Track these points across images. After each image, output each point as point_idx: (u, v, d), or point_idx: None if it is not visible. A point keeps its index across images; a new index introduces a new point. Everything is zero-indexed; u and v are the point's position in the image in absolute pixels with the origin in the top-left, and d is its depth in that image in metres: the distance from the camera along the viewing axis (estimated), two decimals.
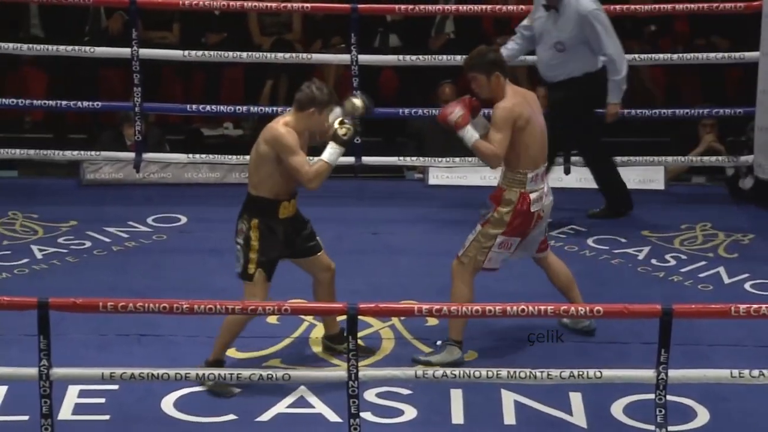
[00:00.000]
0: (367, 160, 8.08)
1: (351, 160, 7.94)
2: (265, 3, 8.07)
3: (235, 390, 5.94)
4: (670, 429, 5.53)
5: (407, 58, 8.28)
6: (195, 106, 8.43)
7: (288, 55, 8.36)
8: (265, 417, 5.85)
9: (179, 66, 9.34)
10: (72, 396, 5.89)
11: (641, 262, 7.38)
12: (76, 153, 8.17)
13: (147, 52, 8.01)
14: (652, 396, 5.50)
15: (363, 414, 5.56)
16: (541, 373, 5.49)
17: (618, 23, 9.56)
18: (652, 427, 5.55)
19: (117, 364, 5.69)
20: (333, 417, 5.82)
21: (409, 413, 5.88)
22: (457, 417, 5.86)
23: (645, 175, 8.43)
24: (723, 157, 8.34)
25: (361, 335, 5.97)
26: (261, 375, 5.54)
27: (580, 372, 5.50)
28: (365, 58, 8.05)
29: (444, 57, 8.14)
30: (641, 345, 6.22)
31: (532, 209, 6.17)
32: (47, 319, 5.34)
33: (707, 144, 8.65)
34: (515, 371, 5.51)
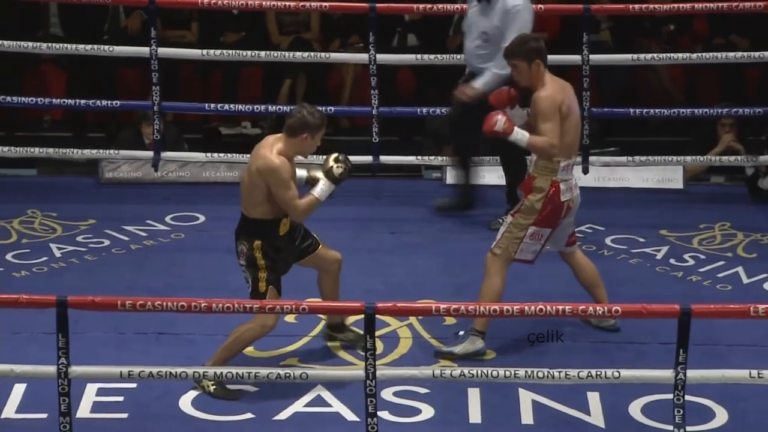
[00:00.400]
0: (385, 159, 8.07)
1: (369, 159, 7.94)
2: (284, 2, 8.07)
3: (237, 393, 5.93)
4: (688, 429, 5.51)
5: (425, 57, 8.27)
6: (213, 105, 8.44)
7: (306, 55, 8.37)
8: (283, 416, 5.85)
9: (198, 65, 9.35)
10: (90, 394, 5.91)
11: (659, 261, 7.36)
12: (94, 151, 8.18)
13: (166, 51, 8.02)
14: (670, 396, 5.49)
15: (380, 413, 5.56)
16: (559, 373, 5.48)
17: (637, 22, 9.60)
18: (670, 428, 5.53)
19: (135, 362, 5.70)
20: (350, 416, 5.82)
21: (427, 412, 5.88)
22: (475, 416, 5.85)
23: (664, 175, 8.41)
24: (742, 157, 8.31)
25: (379, 334, 5.97)
26: (279, 374, 5.54)
27: (598, 372, 5.49)
28: (383, 57, 8.04)
29: (462, 56, 8.12)
30: (659, 345, 6.21)
31: (562, 198, 6.20)
32: (66, 317, 5.35)
33: (726, 143, 8.62)
34: (533, 371, 5.50)
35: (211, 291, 6.31)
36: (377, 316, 5.41)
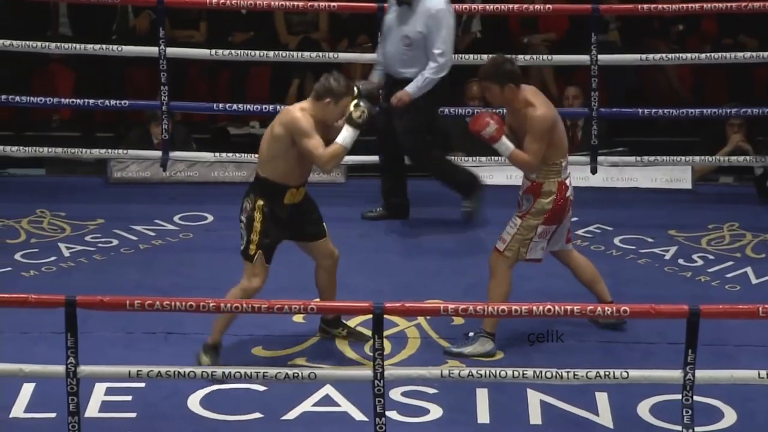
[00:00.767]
0: None
1: (376, 159, 7.93)
2: (292, 2, 8.07)
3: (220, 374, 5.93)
4: (696, 429, 5.50)
5: None
6: (221, 104, 8.45)
7: (314, 54, 8.37)
8: (291, 415, 5.85)
9: (206, 65, 9.36)
10: (99, 393, 5.92)
11: (668, 261, 7.35)
12: (103, 151, 8.19)
13: (174, 51, 8.03)
14: (678, 396, 5.48)
15: (388, 413, 5.55)
16: (567, 373, 5.48)
17: (645, 23, 9.59)
18: (678, 428, 5.53)
19: (143, 361, 5.70)
20: (359, 416, 5.82)
21: (435, 412, 5.88)
22: (483, 416, 5.85)
23: (672, 175, 8.40)
24: (751, 157, 8.30)
25: (387, 334, 5.97)
26: (287, 373, 5.54)
27: (606, 372, 5.49)
28: None
29: (471, 56, 8.12)
30: (668, 345, 6.20)
31: (567, 195, 6.26)
32: (74, 317, 5.35)
33: (735, 144, 8.61)
34: (541, 371, 5.50)
35: (220, 291, 6.30)
36: (385, 316, 5.41)
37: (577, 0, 9.22)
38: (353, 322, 6.46)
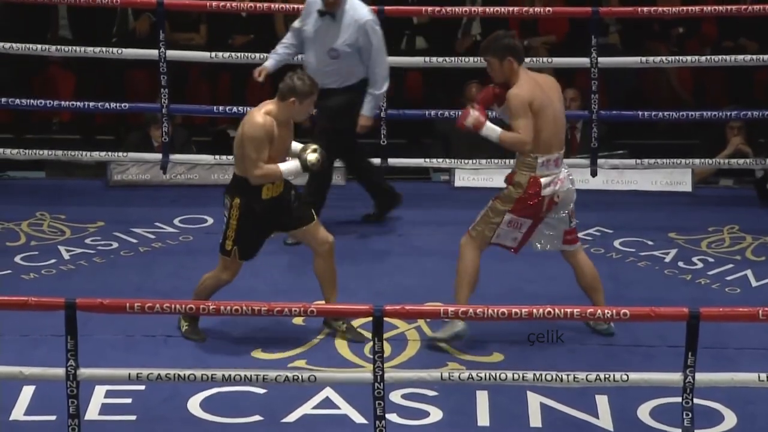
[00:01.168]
0: (393, 161, 8.07)
1: (377, 161, 7.93)
2: (292, 5, 8.07)
3: (204, 336, 6.08)
4: None
5: (434, 60, 8.27)
6: (221, 107, 8.45)
7: None
8: (291, 418, 5.85)
9: (206, 67, 9.36)
10: (99, 396, 5.92)
11: (668, 264, 7.35)
12: (103, 154, 8.19)
13: (174, 53, 8.04)
14: (678, 399, 5.48)
15: (388, 415, 5.55)
16: (567, 376, 5.48)
17: (645, 25, 9.59)
18: (678, 431, 5.53)
19: (143, 364, 5.71)
20: (359, 418, 5.82)
21: (435, 415, 5.88)
22: (483, 419, 5.85)
23: (672, 178, 8.40)
24: (751, 160, 8.30)
25: (387, 337, 5.97)
26: (287, 376, 5.54)
27: (606, 375, 5.49)
28: (392, 59, 8.01)
29: (470, 59, 8.12)
30: (668, 348, 6.20)
31: (543, 193, 6.21)
32: (74, 320, 5.36)
33: (735, 146, 8.61)
34: (541, 374, 5.50)
35: (219, 293, 6.31)
36: (385, 318, 5.41)
37: (577, 3, 9.24)
38: (354, 324, 6.45)
